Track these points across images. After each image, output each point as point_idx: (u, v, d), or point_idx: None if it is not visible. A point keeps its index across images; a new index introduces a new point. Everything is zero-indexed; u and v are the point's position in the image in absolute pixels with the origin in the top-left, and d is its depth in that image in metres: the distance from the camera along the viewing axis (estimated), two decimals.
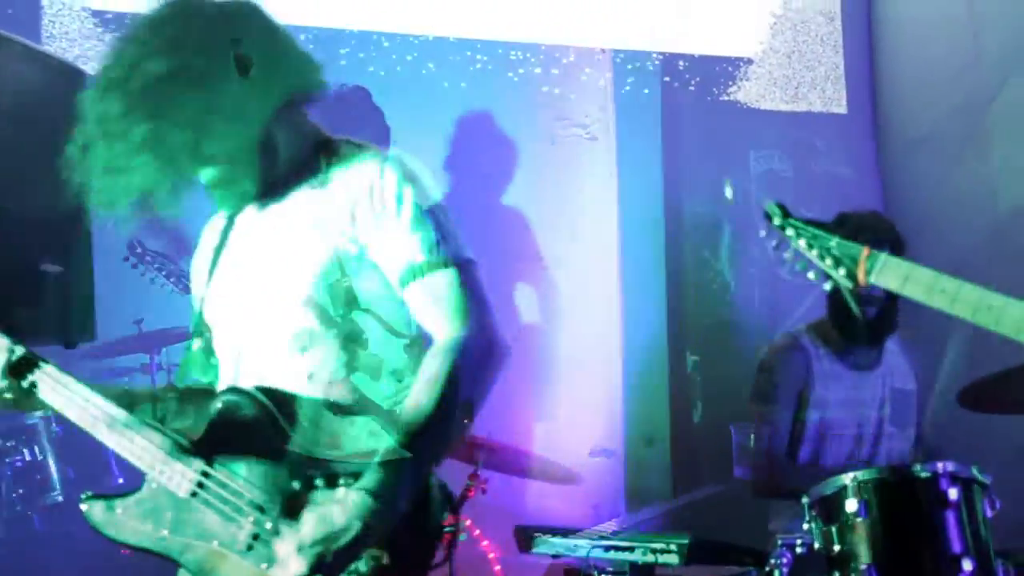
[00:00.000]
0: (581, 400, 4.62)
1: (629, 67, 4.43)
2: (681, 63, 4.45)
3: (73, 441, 3.89)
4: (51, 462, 3.92)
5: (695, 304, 4.59)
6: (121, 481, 3.93)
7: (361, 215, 2.21)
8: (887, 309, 3.35)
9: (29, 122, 2.65)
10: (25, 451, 3.87)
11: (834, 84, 4.61)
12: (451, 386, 2.12)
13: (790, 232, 2.28)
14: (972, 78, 4.32)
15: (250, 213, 2.36)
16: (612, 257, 4.67)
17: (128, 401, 2.34)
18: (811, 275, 2.27)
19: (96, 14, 3.79)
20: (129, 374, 4.20)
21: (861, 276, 2.18)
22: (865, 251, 2.18)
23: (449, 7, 4.15)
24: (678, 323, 4.43)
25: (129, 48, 2.18)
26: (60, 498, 3.93)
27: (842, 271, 2.20)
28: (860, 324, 3.33)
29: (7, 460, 3.83)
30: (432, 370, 2.13)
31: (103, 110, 2.12)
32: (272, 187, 2.29)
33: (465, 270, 2.23)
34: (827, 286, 2.24)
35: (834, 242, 2.23)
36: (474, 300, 2.22)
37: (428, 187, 2.27)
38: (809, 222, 2.27)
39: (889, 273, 2.17)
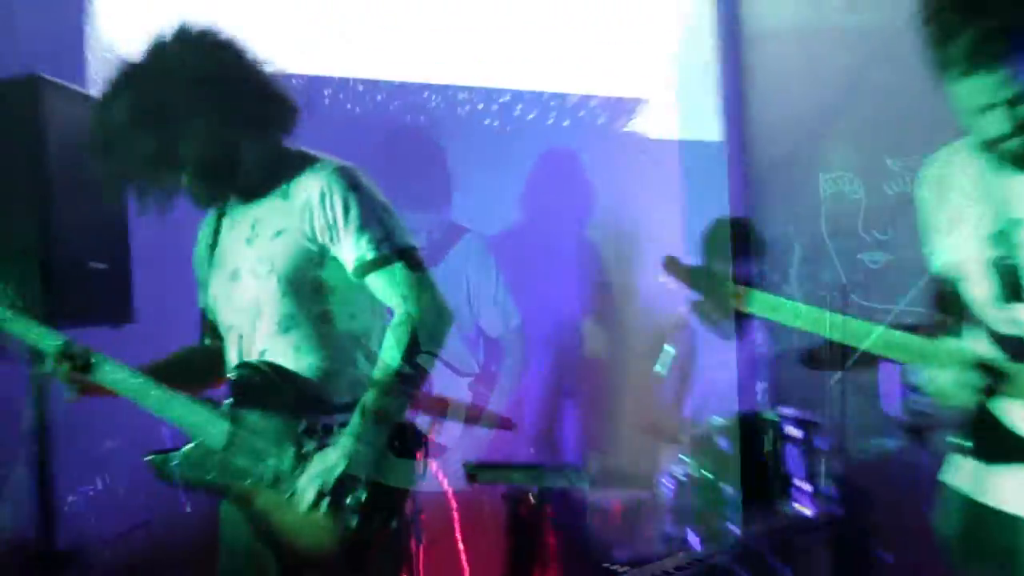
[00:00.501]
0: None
1: (552, 104, 4.77)
2: (592, 102, 4.85)
3: (143, 469, 3.35)
4: (121, 491, 3.76)
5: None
6: (189, 510, 3.69)
7: (316, 221, 2.36)
8: None
9: (79, 152, 2.71)
10: (97, 480, 3.77)
11: (712, 117, 4.89)
12: (409, 349, 2.31)
13: (683, 277, 2.51)
14: (811, 113, 4.73)
15: (232, 217, 2.52)
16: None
17: (178, 364, 2.62)
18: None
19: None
20: None
21: (739, 307, 2.41)
22: (741, 289, 2.40)
23: (408, 58, 4.49)
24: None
25: (142, 72, 2.36)
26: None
27: (723, 303, 2.42)
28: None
29: (79, 489, 3.70)
30: (394, 337, 2.34)
31: (123, 119, 2.33)
32: (247, 194, 2.46)
33: (410, 256, 2.38)
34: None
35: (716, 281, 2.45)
36: (421, 279, 2.38)
37: (371, 191, 2.40)
38: (696, 268, 2.51)
39: (759, 304, 2.40)
